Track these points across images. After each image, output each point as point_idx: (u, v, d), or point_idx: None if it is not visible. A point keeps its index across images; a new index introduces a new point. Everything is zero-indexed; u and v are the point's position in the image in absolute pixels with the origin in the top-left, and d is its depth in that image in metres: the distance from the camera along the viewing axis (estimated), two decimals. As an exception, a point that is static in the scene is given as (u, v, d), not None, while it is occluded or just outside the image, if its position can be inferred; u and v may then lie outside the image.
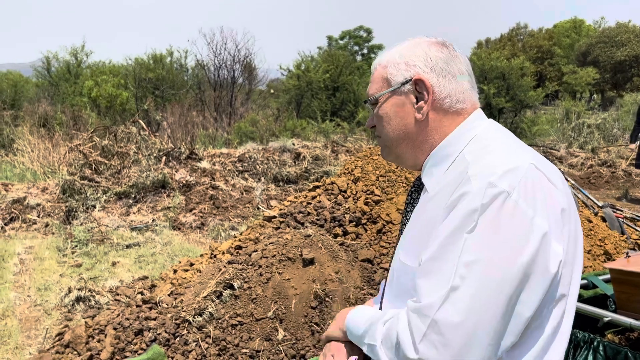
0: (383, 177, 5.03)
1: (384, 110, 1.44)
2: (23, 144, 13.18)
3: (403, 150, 1.45)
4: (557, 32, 49.14)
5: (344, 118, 23.19)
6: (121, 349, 3.51)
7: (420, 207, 1.42)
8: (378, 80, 1.46)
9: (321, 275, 3.83)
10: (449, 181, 1.32)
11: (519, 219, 1.16)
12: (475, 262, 1.15)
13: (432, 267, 1.20)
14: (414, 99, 1.40)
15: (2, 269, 6.03)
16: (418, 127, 1.41)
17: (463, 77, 1.42)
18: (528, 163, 1.24)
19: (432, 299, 1.16)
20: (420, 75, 1.38)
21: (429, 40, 1.44)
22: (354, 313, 1.48)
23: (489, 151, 1.30)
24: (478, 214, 1.16)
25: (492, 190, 1.17)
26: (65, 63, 29.75)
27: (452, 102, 1.39)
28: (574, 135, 15.76)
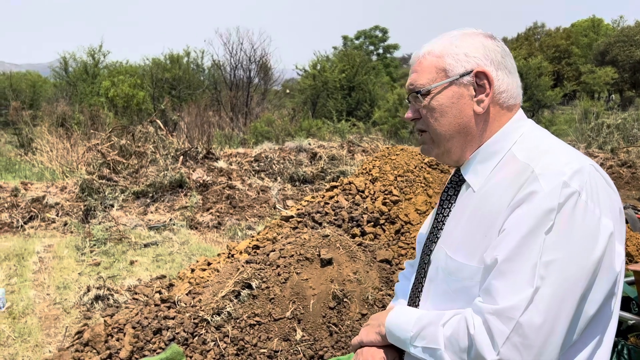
0: (401, 177, 5.00)
1: (438, 101, 1.38)
2: (42, 144, 13.32)
3: (453, 145, 1.40)
4: (575, 31, 48.64)
5: (359, 118, 23.17)
6: (140, 348, 3.52)
7: (465, 204, 1.38)
8: (430, 70, 1.39)
9: (339, 275, 3.82)
10: (502, 179, 1.30)
11: (590, 219, 1.17)
12: (554, 261, 1.15)
13: (509, 268, 1.17)
14: (473, 91, 1.36)
15: (22, 267, 6.09)
16: (475, 121, 1.37)
17: (515, 72, 1.41)
18: (589, 164, 1.24)
19: (515, 301, 1.14)
20: (482, 68, 1.35)
21: (481, 32, 1.41)
22: (396, 315, 1.43)
23: (544, 150, 1.29)
24: (555, 213, 1.16)
25: (567, 190, 1.17)
26: (83, 63, 30.04)
27: (507, 97, 1.38)
28: (592, 136, 15.58)
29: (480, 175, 1.37)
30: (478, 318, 1.19)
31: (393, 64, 48.31)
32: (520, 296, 1.14)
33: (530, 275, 1.14)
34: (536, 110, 21.63)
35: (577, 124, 17.82)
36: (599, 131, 15.52)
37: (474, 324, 1.19)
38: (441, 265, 1.39)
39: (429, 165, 5.14)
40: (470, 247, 1.30)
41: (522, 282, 1.14)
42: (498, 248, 1.21)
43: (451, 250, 1.36)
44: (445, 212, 1.46)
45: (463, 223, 1.36)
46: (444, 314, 1.30)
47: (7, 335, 4.44)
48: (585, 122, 17.08)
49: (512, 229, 1.19)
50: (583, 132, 16.42)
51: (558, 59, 44.94)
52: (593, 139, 15.36)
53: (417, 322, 1.34)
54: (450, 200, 1.46)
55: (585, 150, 14.02)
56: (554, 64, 41.36)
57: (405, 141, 16.72)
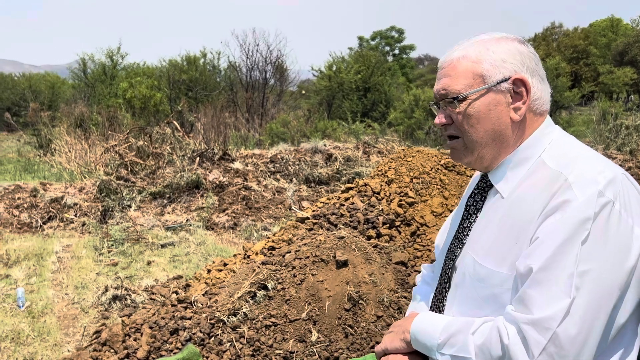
0: (417, 179, 5.00)
1: (475, 108, 1.36)
2: (60, 145, 13.47)
3: (487, 152, 1.39)
4: (593, 32, 48.14)
5: (375, 119, 23.14)
6: (157, 348, 3.55)
7: (493, 211, 1.38)
8: (467, 75, 1.36)
9: (355, 277, 3.82)
10: (533, 186, 1.29)
11: (623, 228, 1.17)
12: (589, 272, 1.14)
13: (545, 277, 1.16)
14: (510, 98, 1.35)
15: (41, 267, 6.17)
16: (511, 129, 1.36)
17: (546, 78, 1.40)
18: (621, 174, 1.25)
19: (551, 312, 1.14)
20: (520, 74, 1.34)
21: (513, 37, 1.40)
22: (421, 322, 1.41)
23: (574, 157, 1.28)
24: (591, 223, 1.15)
25: (602, 200, 1.17)
26: (101, 65, 30.32)
27: (540, 104, 1.37)
28: (611, 137, 15.41)
29: (510, 182, 1.36)
30: (512, 327, 1.19)
31: (409, 65, 48.18)
32: (557, 306, 1.13)
33: (567, 285, 1.14)
34: (554, 111, 21.46)
35: (595, 125, 17.63)
36: (618, 132, 15.34)
37: (508, 334, 1.18)
38: (469, 272, 1.38)
39: (445, 167, 5.13)
40: (500, 253, 1.30)
41: (559, 292, 1.14)
42: (532, 256, 1.20)
43: (479, 256, 1.35)
44: (471, 218, 1.45)
45: (492, 229, 1.35)
46: (473, 321, 1.29)
47: (27, 334, 4.50)
48: (604, 123, 16.90)
49: (547, 238, 1.19)
50: (601, 134, 16.25)
51: (576, 60, 44.52)
52: (611, 140, 15.19)
53: (445, 329, 1.33)
54: (477, 206, 1.45)
55: (604, 151, 13.88)
56: (572, 65, 40.99)
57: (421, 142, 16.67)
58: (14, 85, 30.72)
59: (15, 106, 27.58)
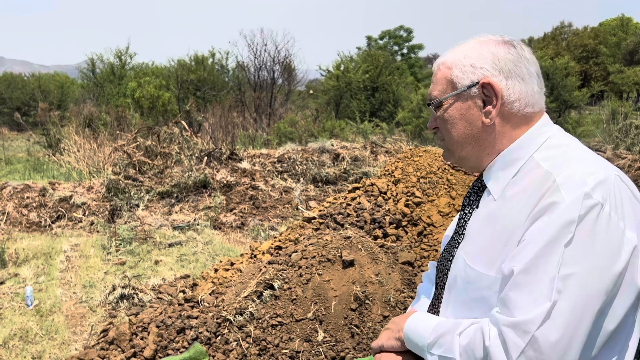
0: (424, 179, 4.99)
1: (448, 113, 1.39)
2: (69, 144, 13.54)
3: (467, 153, 1.41)
4: (603, 31, 47.80)
5: (383, 118, 23.11)
6: (164, 347, 3.56)
7: (485, 212, 1.37)
8: (442, 81, 1.40)
9: (361, 277, 3.82)
10: (524, 187, 1.28)
11: (613, 231, 1.15)
12: (573, 275, 1.12)
13: (526, 280, 1.15)
14: (481, 103, 1.35)
15: (50, 265, 6.21)
16: (485, 132, 1.37)
17: (532, 78, 1.37)
18: (614, 175, 1.21)
19: (532, 315, 1.12)
20: (489, 79, 1.33)
21: (495, 39, 1.39)
22: (414, 321, 1.42)
23: (568, 159, 1.26)
24: (575, 225, 1.13)
25: (588, 202, 1.14)
26: (110, 65, 30.44)
27: (521, 105, 1.35)
28: (620, 137, 15.31)
29: (500, 182, 1.35)
30: (494, 329, 1.18)
31: (417, 64, 48.04)
32: (537, 310, 1.12)
33: (548, 288, 1.12)
34: (563, 111, 21.34)
35: (605, 124, 17.53)
36: (627, 132, 15.24)
37: (490, 335, 1.18)
38: (460, 274, 1.38)
39: (452, 167, 5.11)
40: (489, 256, 1.29)
41: (540, 295, 1.13)
42: (515, 259, 1.19)
43: (470, 258, 1.35)
44: (466, 217, 1.45)
45: (483, 231, 1.34)
46: (461, 322, 1.29)
47: (35, 332, 4.53)
48: (613, 122, 16.79)
49: (531, 241, 1.18)
50: (611, 133, 16.15)
51: (585, 59, 44.26)
52: (621, 140, 15.09)
53: (435, 330, 1.33)
54: (472, 206, 1.45)
55: (613, 151, 13.79)
56: (582, 64, 40.76)
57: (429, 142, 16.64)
58: (23, 85, 30.91)
59: (24, 106, 27.75)
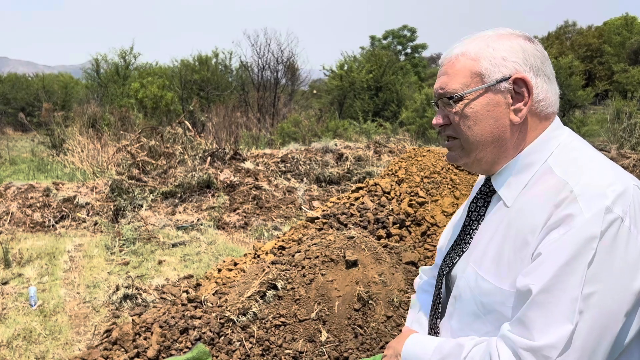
0: (428, 179, 4.97)
1: (472, 108, 1.28)
2: (73, 144, 13.57)
3: (485, 155, 1.31)
4: (608, 30, 47.67)
5: (386, 118, 23.09)
6: (167, 347, 3.56)
7: (497, 219, 1.29)
8: (465, 73, 1.28)
9: (364, 277, 3.81)
10: (538, 195, 1.20)
11: (632, 246, 1.09)
12: (593, 295, 1.07)
13: (546, 300, 1.08)
14: (510, 99, 1.26)
15: (53, 265, 6.21)
16: (510, 131, 1.27)
17: (554, 78, 1.32)
18: (632, 185, 1.15)
19: (553, 339, 1.06)
20: (522, 74, 1.25)
21: (517, 33, 1.30)
22: (412, 345, 1.36)
23: (583, 166, 1.19)
24: (597, 242, 1.07)
25: (609, 217, 1.08)
26: (114, 65, 30.50)
27: (546, 105, 1.28)
28: (625, 136, 15.26)
29: (513, 189, 1.28)
30: (507, 351, 1.12)
31: (421, 64, 48.00)
32: (559, 333, 1.06)
33: (570, 309, 1.06)
34: (567, 110, 21.29)
35: (609, 124, 17.47)
36: (632, 132, 15.19)
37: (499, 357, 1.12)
38: (471, 285, 1.30)
39: (456, 167, 5.10)
40: (502, 268, 1.22)
41: (561, 317, 1.07)
42: (532, 275, 1.12)
43: (482, 269, 1.27)
44: (473, 225, 1.37)
45: (495, 240, 1.27)
46: (464, 345, 1.22)
47: (39, 332, 4.53)
48: (618, 122, 16.74)
49: (550, 256, 1.11)
50: (615, 133, 16.10)
51: (590, 58, 44.15)
52: (625, 140, 15.05)
53: (436, 352, 1.27)
54: (479, 212, 1.37)
55: (617, 151, 13.75)
56: (586, 63, 40.65)
57: (432, 142, 16.61)
58: (27, 85, 30.98)
59: (29, 106, 27.82)
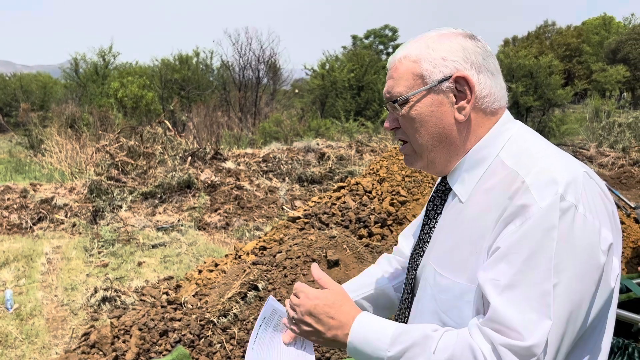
0: (409, 178, 4.96)
1: (417, 110, 1.28)
2: (51, 145, 13.39)
3: (437, 156, 1.31)
4: (586, 30, 48.28)
5: (368, 117, 23.13)
6: (146, 350, 3.50)
7: (452, 216, 1.29)
8: (407, 76, 1.29)
9: (346, 277, 3.78)
10: (491, 188, 1.21)
11: (589, 232, 1.10)
12: (558, 285, 1.07)
13: (514, 296, 1.08)
14: (454, 98, 1.26)
15: (30, 268, 6.11)
16: (457, 130, 1.28)
17: (498, 73, 1.31)
18: (582, 172, 1.16)
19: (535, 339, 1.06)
20: (462, 72, 1.25)
21: (458, 32, 1.31)
22: (364, 328, 1.26)
23: (533, 156, 1.20)
24: (556, 232, 1.07)
25: (564, 205, 1.08)
26: (93, 64, 30.18)
27: (491, 101, 1.28)
28: (604, 135, 15.45)
29: (467, 184, 1.28)
30: (486, 346, 1.10)
31: (402, 64, 48.20)
32: (538, 331, 1.06)
33: (542, 304, 1.06)
34: (547, 109, 21.47)
35: (588, 122, 17.68)
36: (610, 130, 15.39)
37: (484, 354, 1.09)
38: (430, 283, 1.29)
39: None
40: (459, 262, 1.21)
41: (536, 314, 1.07)
42: (496, 270, 1.11)
43: (440, 266, 1.26)
44: (431, 224, 1.37)
45: (451, 236, 1.26)
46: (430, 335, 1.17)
47: (15, 336, 4.44)
48: (597, 120, 16.94)
49: (511, 250, 1.10)
50: (594, 131, 16.29)
51: (569, 58, 44.68)
52: (604, 138, 15.23)
53: (395, 343, 1.20)
54: (437, 211, 1.37)
55: (596, 149, 13.91)
56: (565, 63, 41.12)
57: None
58: (5, 85, 30.55)
59: (6, 106, 27.45)
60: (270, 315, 1.45)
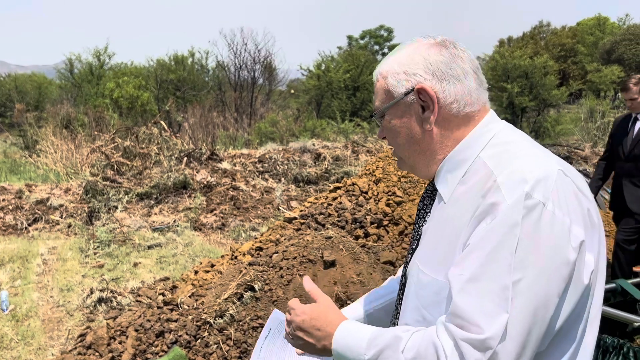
0: (405, 178, 4.97)
1: (391, 123, 1.38)
2: (46, 145, 13.35)
3: (415, 161, 1.39)
4: (581, 30, 48.45)
5: (364, 118, 23.14)
6: (142, 351, 3.50)
7: (436, 216, 1.34)
8: (380, 92, 1.39)
9: (342, 277, 3.79)
10: (470, 188, 1.25)
11: (558, 230, 1.12)
12: (521, 280, 1.09)
13: (475, 289, 1.11)
14: (420, 108, 1.33)
15: (26, 269, 6.09)
16: (428, 138, 1.34)
17: (468, 77, 1.34)
18: (557, 170, 1.18)
19: (492, 331, 1.08)
20: (422, 84, 1.31)
21: (427, 42, 1.36)
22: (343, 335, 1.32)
23: (511, 156, 1.23)
24: (519, 229, 1.10)
25: (529, 202, 1.11)
26: (88, 65, 30.10)
27: (460, 106, 1.32)
28: (599, 135, 15.51)
29: (450, 184, 1.32)
30: (449, 342, 1.13)
31: (398, 64, 48.26)
32: (495, 324, 1.09)
33: (502, 298, 1.09)
34: (542, 110, 21.52)
35: (583, 123, 17.74)
36: (605, 130, 15.44)
37: (445, 351, 1.12)
38: (414, 280, 1.34)
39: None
40: (438, 260, 1.26)
41: (494, 307, 1.09)
42: (462, 266, 1.15)
43: (422, 264, 1.31)
44: (420, 223, 1.42)
45: (434, 234, 1.32)
46: (400, 336, 1.21)
47: (10, 338, 4.43)
48: (592, 121, 17.00)
49: (476, 246, 1.14)
50: (589, 131, 16.35)
51: (564, 58, 44.79)
52: (599, 138, 15.29)
53: (370, 343, 1.25)
54: (426, 210, 1.42)
55: (591, 149, 13.95)
56: (560, 63, 41.21)
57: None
58: (0, 85, 30.44)
59: (1, 107, 27.33)
60: (277, 326, 1.52)
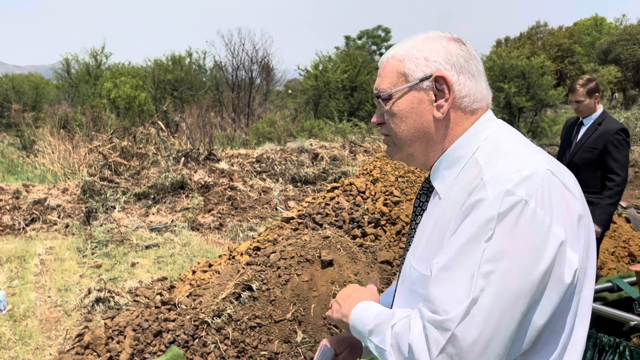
0: (402, 178, 4.99)
1: (398, 107, 1.38)
2: (44, 146, 13.34)
3: (415, 150, 1.40)
4: (578, 30, 48.49)
5: (361, 118, 23.16)
6: (140, 351, 3.51)
7: (432, 212, 1.36)
8: (392, 74, 1.39)
9: (340, 277, 3.80)
10: (462, 185, 1.27)
11: (537, 228, 1.14)
12: (493, 272, 1.12)
13: (446, 276, 1.16)
14: (433, 96, 1.34)
15: (23, 269, 6.09)
16: (435, 127, 1.36)
17: (481, 76, 1.38)
18: (544, 169, 1.20)
19: (452, 313, 1.12)
20: (442, 72, 1.32)
21: (445, 35, 1.39)
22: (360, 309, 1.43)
23: (501, 154, 1.26)
24: (495, 223, 1.13)
25: (509, 199, 1.14)
26: (85, 65, 30.04)
27: (470, 101, 1.35)
28: (595, 135, 15.50)
29: (446, 182, 1.35)
30: (419, 324, 1.18)
31: (395, 64, 48.22)
32: (458, 308, 1.12)
33: (468, 285, 1.13)
34: (539, 110, 21.57)
35: (580, 123, 17.74)
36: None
37: (414, 331, 1.19)
38: (406, 275, 1.38)
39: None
40: (428, 256, 1.29)
41: (460, 292, 1.13)
42: (440, 256, 1.20)
43: (414, 259, 1.35)
44: (417, 219, 1.45)
45: (428, 231, 1.34)
46: (395, 314, 1.30)
47: (8, 338, 4.43)
48: (588, 121, 17.00)
49: (454, 238, 1.18)
50: (586, 131, 16.35)
51: (561, 58, 44.82)
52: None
53: (375, 318, 1.34)
54: (422, 207, 1.45)
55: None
56: (557, 63, 41.28)
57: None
58: (-4, 86, 30.37)
59: (-2, 107, 27.27)
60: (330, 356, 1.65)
